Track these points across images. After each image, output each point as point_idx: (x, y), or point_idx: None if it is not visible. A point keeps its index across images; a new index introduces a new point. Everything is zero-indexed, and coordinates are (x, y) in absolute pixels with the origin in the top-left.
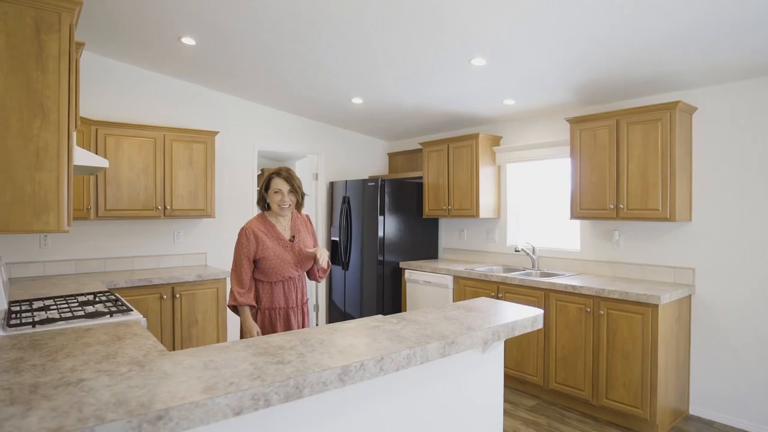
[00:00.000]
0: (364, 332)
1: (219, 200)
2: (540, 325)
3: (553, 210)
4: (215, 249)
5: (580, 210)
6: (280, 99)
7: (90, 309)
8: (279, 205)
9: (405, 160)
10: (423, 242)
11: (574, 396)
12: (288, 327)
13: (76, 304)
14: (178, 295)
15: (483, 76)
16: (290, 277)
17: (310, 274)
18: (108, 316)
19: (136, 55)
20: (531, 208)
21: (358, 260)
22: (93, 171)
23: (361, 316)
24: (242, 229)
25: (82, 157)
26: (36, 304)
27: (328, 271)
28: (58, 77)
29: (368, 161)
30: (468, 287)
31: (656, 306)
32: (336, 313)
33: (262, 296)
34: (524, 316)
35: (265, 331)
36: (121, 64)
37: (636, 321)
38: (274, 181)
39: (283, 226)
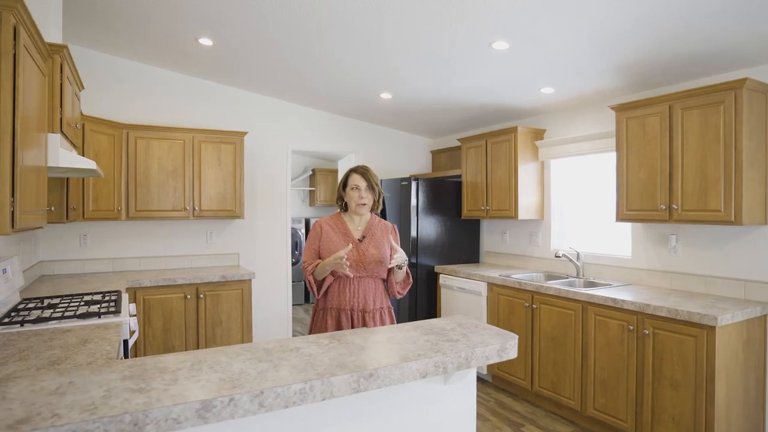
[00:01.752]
0: (269, 356)
1: (251, 201)
2: (512, 354)
3: (602, 211)
4: (248, 250)
5: (627, 211)
6: (309, 97)
7: (84, 309)
8: (357, 203)
9: (448, 158)
10: (463, 245)
11: (615, 426)
12: (338, 329)
13: (82, 303)
14: (202, 296)
15: (508, 62)
16: (348, 277)
17: (389, 287)
18: (97, 317)
19: (165, 59)
20: (577, 209)
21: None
22: (85, 173)
23: (398, 322)
24: (314, 223)
25: (67, 159)
26: (46, 302)
27: (408, 287)
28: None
29: (410, 159)
30: (502, 296)
31: (712, 328)
32: None
33: (325, 294)
34: (489, 344)
35: (317, 330)
36: (150, 67)
37: (687, 344)
38: (352, 177)
39: (356, 225)
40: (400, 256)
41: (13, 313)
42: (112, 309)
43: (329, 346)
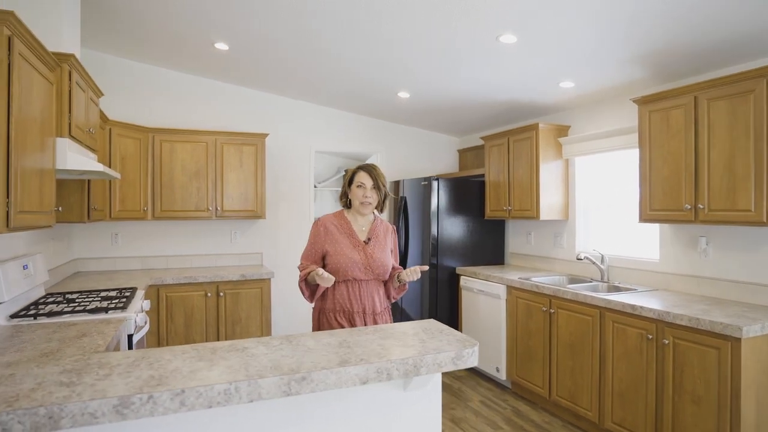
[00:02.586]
0: (212, 356)
1: (274, 201)
2: (470, 363)
3: (629, 212)
4: (271, 249)
5: (650, 211)
6: (329, 98)
7: (95, 305)
8: (361, 201)
9: (474, 157)
10: (487, 246)
11: None
12: None
13: (96, 299)
14: (222, 294)
15: (517, 56)
16: (356, 279)
17: (386, 289)
18: (104, 312)
19: (185, 64)
20: (603, 209)
21: (418, 264)
22: (101, 175)
23: None
24: (315, 221)
25: (75, 162)
26: (66, 297)
27: (403, 292)
28: None
29: (435, 159)
30: (520, 299)
31: (737, 339)
32: (403, 319)
33: (326, 297)
34: (442, 352)
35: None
36: (173, 72)
37: (710, 357)
38: (359, 174)
39: (360, 226)
40: (414, 274)
41: (31, 307)
42: (120, 305)
43: (278, 347)
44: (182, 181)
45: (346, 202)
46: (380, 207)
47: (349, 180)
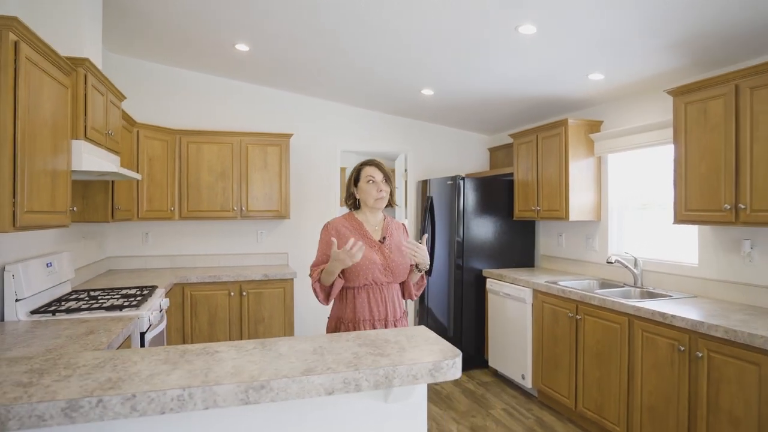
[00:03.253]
0: (181, 359)
1: (300, 201)
2: (450, 375)
3: (665, 212)
4: (296, 249)
5: (686, 211)
6: (353, 97)
7: (113, 302)
8: (376, 198)
9: (504, 155)
10: (516, 248)
11: None
12: None
13: (117, 296)
14: (245, 293)
15: (538, 47)
16: (377, 283)
17: (404, 289)
18: (119, 310)
19: (208, 65)
20: (639, 209)
21: (443, 265)
22: (120, 176)
23: (450, 325)
24: (324, 226)
25: (90, 163)
26: (91, 294)
27: (423, 287)
28: None
29: (464, 157)
30: (546, 304)
31: None
32: (430, 322)
33: (345, 306)
34: (418, 363)
35: None
36: (198, 74)
37: (749, 373)
38: (365, 169)
39: (373, 225)
40: (423, 259)
41: (54, 303)
42: (134, 303)
43: (249, 353)
44: (208, 181)
45: (355, 202)
46: (392, 202)
47: (355, 178)
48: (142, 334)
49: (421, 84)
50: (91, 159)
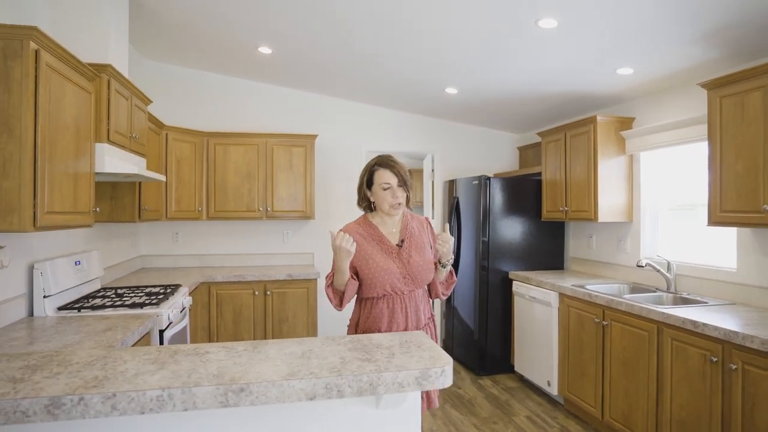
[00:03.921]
0: (171, 359)
1: (325, 202)
2: (439, 384)
3: (702, 213)
4: (321, 250)
5: (721, 213)
6: (377, 97)
7: (135, 300)
8: (390, 204)
9: (534, 155)
10: (545, 249)
11: None
12: None
13: (141, 294)
14: (269, 293)
15: (561, 41)
16: (397, 293)
17: (431, 289)
18: (140, 308)
19: (233, 68)
20: (672, 210)
21: (469, 267)
22: (139, 178)
23: (476, 328)
24: (338, 232)
25: (113, 165)
26: (118, 291)
27: (453, 285)
28: (21, 97)
29: (493, 157)
30: (572, 308)
31: None
32: (456, 323)
33: (363, 315)
34: (404, 370)
35: None
36: (224, 77)
37: None
38: (379, 173)
39: (390, 228)
40: (449, 247)
41: (81, 300)
42: (155, 301)
43: (238, 354)
44: (235, 182)
45: (369, 204)
46: (409, 203)
47: (368, 181)
48: (162, 332)
49: (444, 83)
50: (113, 161)
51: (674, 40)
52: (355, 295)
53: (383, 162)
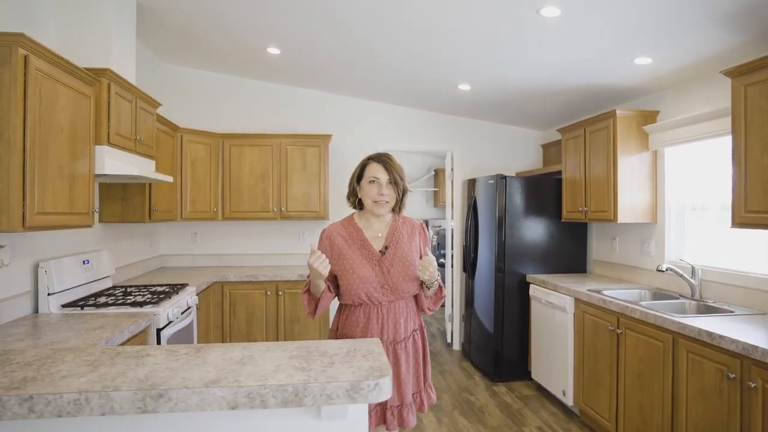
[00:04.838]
0: (109, 361)
1: (340, 202)
2: (373, 398)
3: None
4: None
5: (745, 213)
6: (390, 95)
7: (138, 299)
8: (374, 200)
9: (557, 152)
10: (566, 251)
11: None
12: None
13: (147, 293)
14: (281, 293)
15: (566, 31)
16: (374, 302)
17: (417, 303)
18: (140, 306)
19: (244, 69)
20: (700, 209)
21: (487, 269)
22: (143, 179)
23: (493, 331)
24: (322, 232)
25: (112, 167)
26: (127, 290)
27: (442, 301)
28: (9, 102)
29: (515, 155)
30: (588, 314)
31: None
32: (474, 325)
33: (340, 323)
34: (334, 381)
35: None
36: (236, 78)
37: None
38: (370, 166)
39: (375, 231)
40: (431, 272)
41: (89, 298)
42: (155, 300)
43: (177, 357)
44: (249, 183)
45: (355, 201)
46: (398, 206)
47: (359, 174)
48: (159, 330)
49: (456, 80)
50: (114, 163)
51: (696, 23)
52: (336, 299)
53: (377, 156)
